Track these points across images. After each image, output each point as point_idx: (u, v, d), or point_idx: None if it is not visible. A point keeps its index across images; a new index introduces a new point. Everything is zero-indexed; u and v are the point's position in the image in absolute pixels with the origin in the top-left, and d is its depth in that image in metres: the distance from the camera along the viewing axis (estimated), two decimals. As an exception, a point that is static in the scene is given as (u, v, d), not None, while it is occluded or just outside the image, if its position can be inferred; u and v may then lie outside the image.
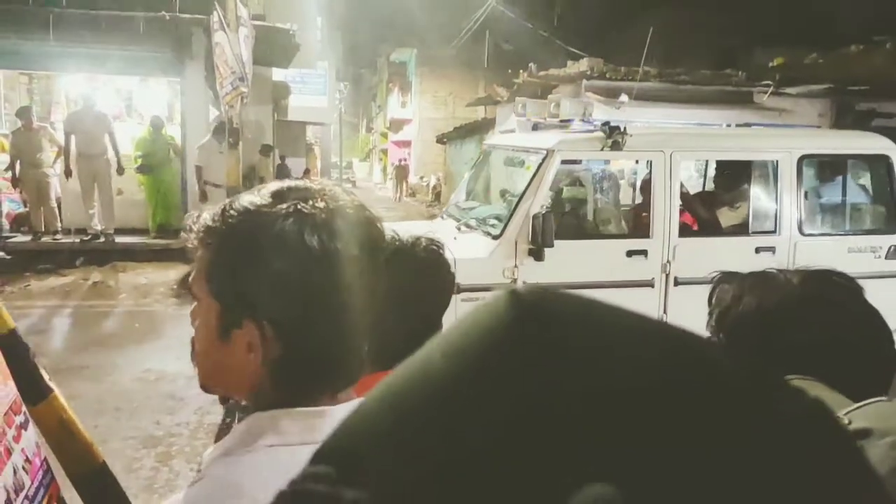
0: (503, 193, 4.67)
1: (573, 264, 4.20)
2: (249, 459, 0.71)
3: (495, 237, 4.16)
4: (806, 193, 4.82)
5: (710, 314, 0.98)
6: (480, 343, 0.27)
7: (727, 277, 1.00)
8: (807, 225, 4.61)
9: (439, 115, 25.57)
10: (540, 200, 4.17)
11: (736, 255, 4.36)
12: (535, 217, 4.01)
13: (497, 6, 12.55)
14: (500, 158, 5.16)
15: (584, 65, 12.51)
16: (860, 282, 0.97)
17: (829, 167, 5.31)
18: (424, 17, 21.30)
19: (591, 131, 4.61)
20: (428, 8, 20.09)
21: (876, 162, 4.85)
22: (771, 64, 13.25)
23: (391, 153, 31.71)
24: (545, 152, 4.27)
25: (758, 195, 4.83)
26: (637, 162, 5.08)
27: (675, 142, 4.53)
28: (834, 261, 4.87)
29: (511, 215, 4.19)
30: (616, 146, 4.18)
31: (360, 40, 29.37)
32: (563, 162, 4.41)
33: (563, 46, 13.44)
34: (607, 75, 12.19)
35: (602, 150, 4.26)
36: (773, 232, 4.51)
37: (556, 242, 4.07)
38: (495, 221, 4.32)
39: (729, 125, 11.47)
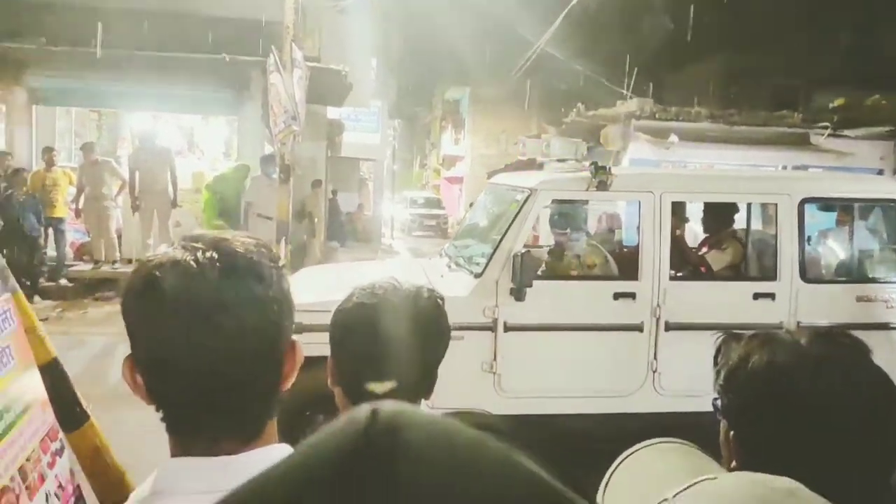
0: (491, 232, 4.58)
1: (556, 305, 4.12)
2: None
3: (477, 276, 4.10)
4: (809, 238, 4.60)
5: (718, 373, 0.99)
6: (327, 459, 0.29)
7: (733, 336, 1.02)
8: (810, 271, 4.38)
9: (491, 151, 25.78)
10: (522, 239, 4.12)
11: (732, 300, 4.20)
12: (515, 256, 3.92)
13: (545, 49, 12.67)
14: (496, 197, 5.10)
15: (633, 105, 12.46)
16: (869, 333, 0.93)
17: (834, 211, 5.10)
18: (478, 56, 21.69)
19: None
20: (482, 48, 20.47)
21: (886, 206, 4.61)
22: (831, 105, 12.89)
23: (443, 189, 32.07)
24: (528, 191, 4.23)
25: (756, 239, 4.65)
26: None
27: (665, 182, 4.42)
28: (840, 310, 4.55)
29: (493, 254, 4.12)
30: (602, 186, 4.09)
31: (414, 79, 30.06)
32: (554, 201, 4.36)
33: (612, 87, 13.43)
34: (657, 115, 12.11)
35: (588, 189, 4.16)
36: (773, 278, 4.30)
37: (539, 283, 3.98)
38: (480, 260, 4.24)
39: (784, 167, 11.18)
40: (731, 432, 0.96)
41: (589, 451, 3.80)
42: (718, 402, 0.98)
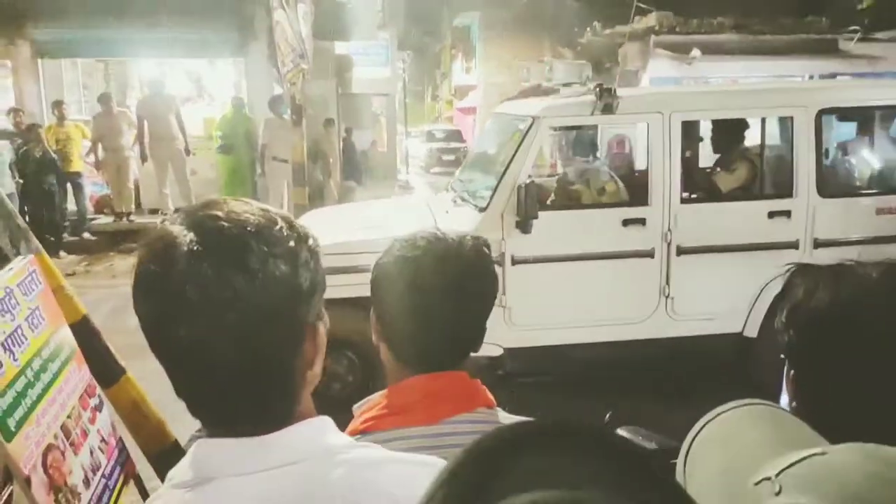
0: (495, 164, 4.47)
1: (564, 236, 4.04)
2: (192, 497, 0.69)
3: (482, 210, 4.03)
4: (827, 151, 4.43)
5: (781, 310, 0.93)
6: None
7: (801, 271, 0.95)
8: (828, 186, 4.20)
9: (504, 79, 25.12)
10: (527, 170, 3.99)
11: (746, 220, 4.10)
12: (519, 187, 3.83)
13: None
14: (500, 127, 4.93)
15: (652, 19, 11.95)
16: (891, 247, 0.85)
17: (854, 122, 4.89)
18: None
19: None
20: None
21: None
22: (860, 6, 12.25)
23: (457, 120, 31.54)
24: (531, 119, 4.07)
25: (771, 155, 4.47)
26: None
27: (674, 101, 4.20)
28: (861, 224, 4.46)
29: (496, 187, 4.02)
30: (608, 109, 3.93)
31: (421, 7, 29.11)
32: (554, 129, 4.23)
33: (630, 1, 12.84)
34: (677, 29, 11.63)
35: (592, 114, 3.99)
36: (789, 195, 4.12)
37: (545, 213, 3.91)
38: (485, 193, 4.14)
39: (812, 76, 10.74)
40: (792, 371, 0.89)
41: (606, 380, 3.82)
42: (782, 340, 0.91)
